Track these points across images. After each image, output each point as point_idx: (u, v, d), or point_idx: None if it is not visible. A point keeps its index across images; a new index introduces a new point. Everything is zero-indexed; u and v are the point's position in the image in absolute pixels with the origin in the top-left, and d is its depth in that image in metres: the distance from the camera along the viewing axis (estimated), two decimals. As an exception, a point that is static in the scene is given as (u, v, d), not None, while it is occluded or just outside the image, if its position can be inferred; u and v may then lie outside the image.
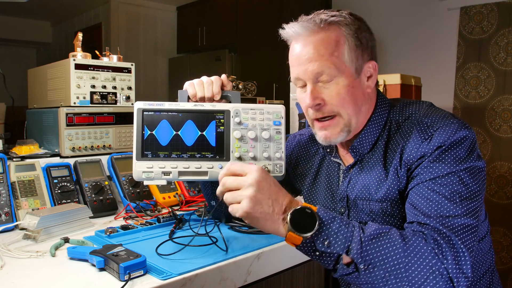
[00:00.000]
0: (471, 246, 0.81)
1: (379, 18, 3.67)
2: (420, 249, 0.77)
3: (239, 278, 1.01)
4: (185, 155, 1.02)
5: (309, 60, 0.93)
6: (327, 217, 0.80)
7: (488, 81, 3.00)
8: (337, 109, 0.95)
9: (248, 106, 1.04)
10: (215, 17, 4.50)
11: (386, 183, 0.95)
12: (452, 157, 0.86)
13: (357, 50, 0.94)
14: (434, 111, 0.95)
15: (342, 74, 0.93)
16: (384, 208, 0.95)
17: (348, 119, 0.96)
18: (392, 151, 0.96)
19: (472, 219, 0.82)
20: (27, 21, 5.94)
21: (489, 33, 2.99)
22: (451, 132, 0.88)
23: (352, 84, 0.94)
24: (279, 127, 1.04)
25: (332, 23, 0.93)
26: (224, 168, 0.86)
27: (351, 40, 0.93)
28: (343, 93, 0.93)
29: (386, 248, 0.77)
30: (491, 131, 3.00)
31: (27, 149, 1.58)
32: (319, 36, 0.93)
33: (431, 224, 0.81)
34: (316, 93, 0.95)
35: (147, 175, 1.01)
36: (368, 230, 0.79)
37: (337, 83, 0.93)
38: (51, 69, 1.76)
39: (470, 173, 0.86)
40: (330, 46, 0.92)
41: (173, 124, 1.03)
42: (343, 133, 0.97)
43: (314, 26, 0.93)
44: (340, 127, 0.96)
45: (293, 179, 1.21)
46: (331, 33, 0.93)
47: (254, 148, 1.03)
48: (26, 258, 1.02)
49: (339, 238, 0.78)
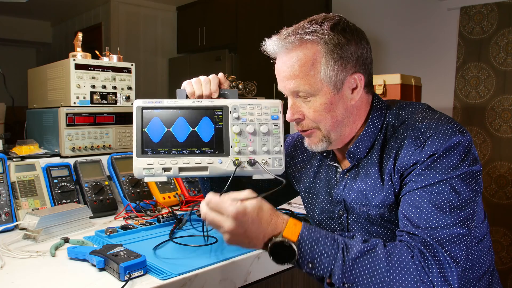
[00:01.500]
0: (459, 256, 0.81)
1: (379, 18, 3.67)
2: (405, 265, 0.78)
3: (239, 278, 1.01)
4: (185, 151, 1.03)
5: (286, 78, 0.95)
6: (311, 239, 0.81)
7: (488, 81, 3.00)
8: (315, 124, 0.97)
9: (246, 102, 1.06)
10: (215, 17, 4.50)
11: (383, 189, 0.94)
12: (444, 164, 0.86)
13: (336, 66, 0.92)
14: (429, 116, 0.95)
15: (318, 92, 0.93)
16: (381, 213, 0.95)
17: (326, 133, 0.97)
18: (387, 156, 0.96)
19: (462, 228, 0.82)
20: (27, 21, 5.94)
21: (489, 33, 2.99)
22: (444, 139, 0.87)
23: (331, 101, 0.94)
24: (277, 121, 1.07)
25: (308, 41, 0.92)
26: (204, 201, 0.85)
27: (329, 57, 0.92)
28: (320, 110, 0.95)
29: (370, 268, 0.79)
30: (491, 131, 2.99)
31: (27, 149, 1.58)
32: (295, 54, 0.93)
33: (419, 235, 0.82)
34: (295, 107, 0.97)
35: (148, 172, 1.02)
36: (353, 250, 0.80)
37: (314, 101, 0.95)
38: (51, 69, 1.76)
39: (463, 180, 0.85)
40: (306, 65, 0.92)
41: (164, 121, 1.04)
42: (323, 143, 0.99)
43: (290, 46, 0.93)
44: (318, 137, 0.99)
45: (291, 179, 1.21)
46: (308, 51, 0.92)
47: (253, 143, 1.05)
48: (26, 258, 1.02)
49: (322, 262, 0.80)
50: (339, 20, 0.95)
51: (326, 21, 0.93)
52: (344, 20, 0.96)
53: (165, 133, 1.03)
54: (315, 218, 1.12)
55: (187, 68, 4.82)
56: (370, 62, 0.99)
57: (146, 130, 1.03)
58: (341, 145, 1.02)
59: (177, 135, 1.03)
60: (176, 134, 1.03)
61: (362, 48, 0.95)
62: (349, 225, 1.04)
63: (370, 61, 0.99)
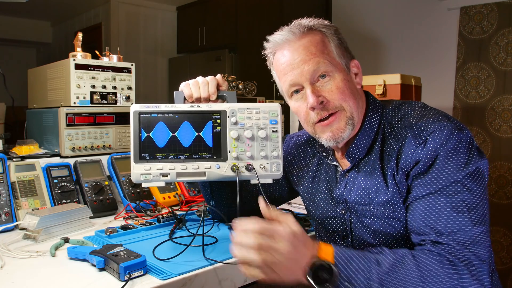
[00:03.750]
0: (485, 254, 0.83)
1: (379, 18, 3.67)
2: (437, 276, 0.79)
3: (239, 278, 1.01)
4: (182, 156, 1.03)
5: (303, 62, 0.96)
6: (344, 258, 0.81)
7: (488, 81, 3.00)
8: (340, 103, 0.96)
9: (244, 106, 1.05)
10: (215, 17, 4.50)
11: (387, 188, 0.95)
12: (453, 164, 0.87)
13: (341, 48, 1.00)
14: (428, 113, 0.95)
15: (336, 69, 0.97)
16: (386, 212, 0.95)
17: (351, 111, 0.97)
18: (388, 155, 0.96)
19: (482, 225, 0.84)
20: (27, 21, 5.93)
21: (489, 33, 2.99)
22: (445, 137, 0.88)
23: (347, 78, 0.98)
24: (275, 125, 1.05)
25: (313, 28, 0.99)
26: (241, 229, 0.80)
27: (334, 41, 0.99)
28: (342, 86, 0.96)
29: (404, 279, 0.80)
30: (491, 131, 2.99)
31: (27, 149, 1.58)
32: (306, 39, 0.97)
33: (443, 242, 0.83)
34: (317, 92, 0.96)
35: (145, 177, 1.01)
36: (384, 264, 0.81)
37: (334, 78, 0.96)
38: (51, 69, 1.76)
39: (472, 177, 0.86)
40: (319, 45, 0.97)
41: (169, 125, 1.03)
42: (349, 126, 0.97)
43: (299, 32, 0.97)
44: (344, 120, 0.97)
45: (291, 180, 1.21)
46: (316, 36, 0.98)
47: (251, 148, 1.04)
48: (26, 258, 1.02)
49: (358, 279, 0.80)
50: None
51: (317, 19, 1.01)
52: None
53: (170, 138, 1.03)
54: (317, 217, 1.12)
55: (187, 68, 4.82)
56: None
57: (151, 135, 1.02)
58: (353, 135, 1.01)
59: (182, 140, 1.03)
60: (181, 139, 1.03)
61: (346, 42, 1.04)
62: (351, 224, 1.04)
63: None
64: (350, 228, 1.04)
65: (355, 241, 1.05)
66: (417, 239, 0.89)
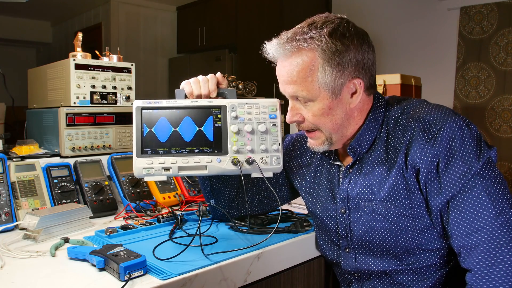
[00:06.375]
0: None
1: (379, 18, 3.67)
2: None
3: (239, 278, 1.01)
4: (184, 151, 1.05)
5: (285, 82, 0.97)
6: None
7: (488, 81, 3.00)
8: (315, 126, 0.99)
9: (244, 101, 1.08)
10: (215, 17, 4.50)
11: (390, 182, 0.95)
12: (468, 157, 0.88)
13: (334, 72, 0.92)
14: (434, 108, 0.96)
15: (316, 98, 0.95)
16: (388, 207, 0.95)
17: (328, 134, 0.99)
18: (395, 149, 0.96)
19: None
20: (27, 21, 5.94)
21: (489, 33, 3.00)
22: (455, 133, 0.88)
23: (329, 106, 0.96)
24: (274, 120, 1.08)
25: (308, 46, 0.92)
26: None
27: (326, 64, 0.92)
28: (318, 114, 0.97)
29: None
30: (491, 131, 3.00)
31: (27, 149, 1.58)
32: (293, 60, 0.94)
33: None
34: (295, 109, 1.00)
35: (148, 171, 1.03)
36: None
37: (312, 106, 0.96)
38: (51, 69, 1.75)
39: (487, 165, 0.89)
40: (303, 71, 0.93)
41: (171, 121, 1.05)
42: (325, 145, 1.01)
43: (288, 52, 0.94)
44: (321, 139, 1.01)
45: (291, 177, 1.22)
46: (306, 58, 0.93)
47: (251, 141, 1.06)
48: (26, 258, 1.02)
49: None
50: (339, 24, 0.94)
51: (326, 26, 0.93)
52: (344, 23, 0.95)
53: (172, 132, 1.05)
54: (317, 215, 1.12)
55: (187, 68, 4.82)
56: (373, 65, 0.99)
57: (153, 130, 1.04)
58: (342, 145, 1.03)
59: (184, 135, 1.05)
60: (182, 134, 1.05)
61: (362, 52, 0.95)
62: (351, 223, 1.04)
63: (373, 63, 0.99)
64: (349, 227, 1.04)
65: (354, 240, 1.05)
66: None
